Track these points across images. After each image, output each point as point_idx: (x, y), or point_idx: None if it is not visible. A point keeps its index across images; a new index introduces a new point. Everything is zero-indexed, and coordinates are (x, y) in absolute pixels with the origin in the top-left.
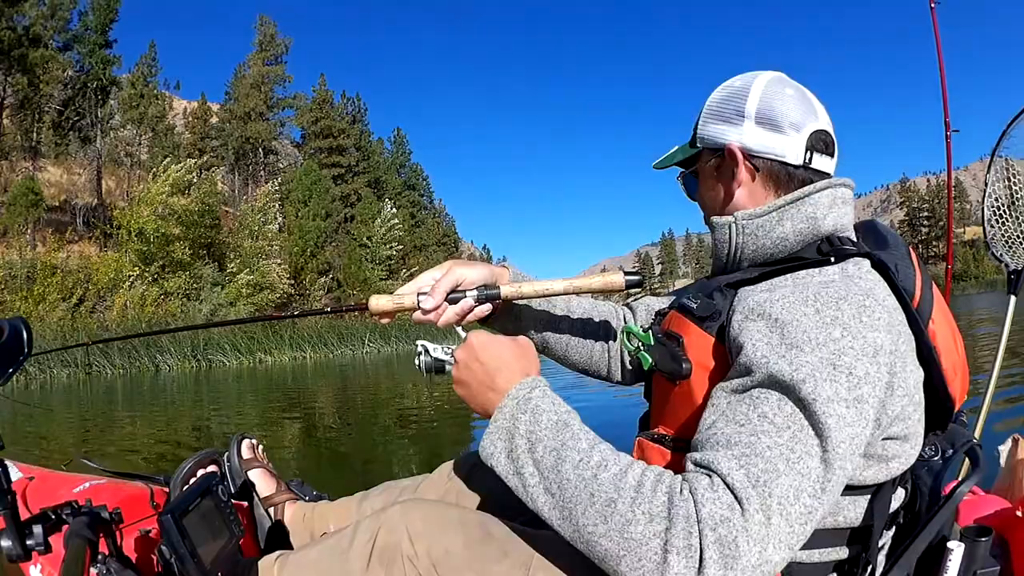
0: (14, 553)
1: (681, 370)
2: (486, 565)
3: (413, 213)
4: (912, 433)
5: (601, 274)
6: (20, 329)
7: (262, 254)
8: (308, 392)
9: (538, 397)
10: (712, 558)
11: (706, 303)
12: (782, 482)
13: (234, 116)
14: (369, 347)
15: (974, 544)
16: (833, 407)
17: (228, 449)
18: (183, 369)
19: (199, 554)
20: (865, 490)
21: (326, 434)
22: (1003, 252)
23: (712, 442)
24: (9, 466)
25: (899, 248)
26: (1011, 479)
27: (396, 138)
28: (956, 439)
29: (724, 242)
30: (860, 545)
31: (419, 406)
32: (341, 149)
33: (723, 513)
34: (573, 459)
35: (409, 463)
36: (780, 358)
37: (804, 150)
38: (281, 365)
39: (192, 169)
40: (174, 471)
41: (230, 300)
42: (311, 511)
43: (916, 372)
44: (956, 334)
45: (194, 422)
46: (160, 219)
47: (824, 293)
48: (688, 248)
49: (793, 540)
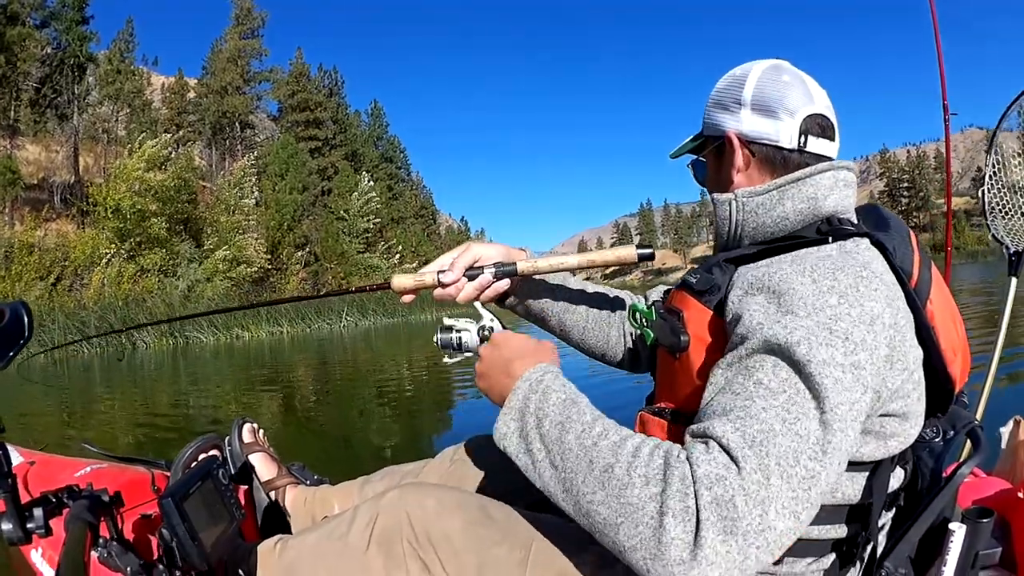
0: (15, 536)
1: (679, 343)
2: (486, 547)
3: (390, 186)
4: (911, 412)
5: (613, 248)
6: (21, 313)
7: (239, 229)
8: (288, 368)
9: (549, 379)
10: (709, 520)
11: (705, 278)
12: (780, 442)
13: (211, 91)
14: (347, 320)
15: (976, 525)
16: (829, 370)
17: (229, 434)
18: (160, 346)
19: (200, 537)
20: (863, 467)
21: (309, 413)
22: (1004, 234)
23: (709, 413)
24: (10, 450)
25: (900, 230)
26: (1012, 460)
27: (373, 111)
28: (957, 420)
29: (725, 219)
30: (860, 523)
31: (400, 381)
32: (318, 122)
33: (719, 472)
34: (576, 430)
35: (406, 445)
36: (775, 323)
37: (798, 134)
38: (258, 340)
39: (167, 144)
40: (175, 456)
41: (207, 276)
42: (312, 495)
43: (915, 350)
44: (956, 316)
45: (176, 402)
46: (136, 195)
47: (821, 265)
48: (666, 219)
49: (798, 507)
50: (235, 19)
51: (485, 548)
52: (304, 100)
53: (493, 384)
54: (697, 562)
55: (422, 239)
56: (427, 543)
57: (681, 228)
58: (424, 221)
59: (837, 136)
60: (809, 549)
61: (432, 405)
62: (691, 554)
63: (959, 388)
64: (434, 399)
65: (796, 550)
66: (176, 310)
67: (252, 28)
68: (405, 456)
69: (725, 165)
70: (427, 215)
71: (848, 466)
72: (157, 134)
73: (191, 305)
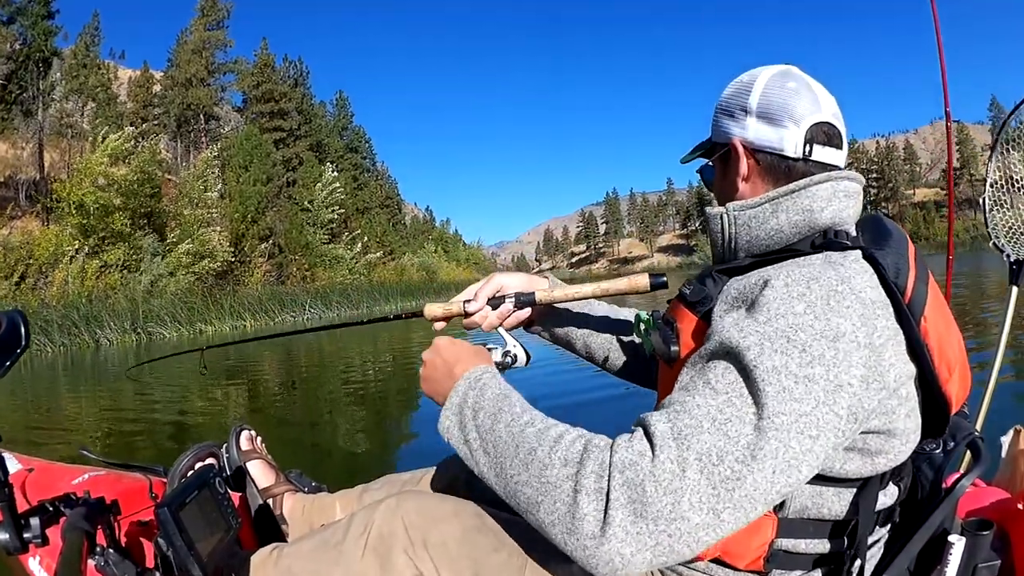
0: (11, 545)
1: (670, 352)
2: (483, 555)
3: (355, 176)
4: (898, 429)
5: (627, 277)
6: (18, 322)
7: (202, 222)
8: (254, 363)
9: (487, 378)
10: (619, 500)
11: (698, 288)
12: (704, 439)
13: (176, 83)
14: (311, 313)
15: (975, 537)
16: (777, 378)
17: (227, 441)
18: (123, 343)
19: (196, 547)
20: (850, 483)
21: (308, 419)
22: (1004, 242)
23: (659, 406)
24: (7, 458)
25: (899, 243)
26: (1012, 471)
27: (338, 101)
28: (957, 431)
29: (718, 232)
30: (847, 540)
31: (365, 377)
32: (283, 113)
33: (632, 458)
34: (506, 420)
35: (406, 453)
36: (732, 326)
37: (803, 142)
38: (222, 334)
39: (130, 137)
40: (172, 462)
41: (170, 270)
42: (310, 503)
43: (901, 367)
44: (953, 332)
45: (142, 402)
46: (99, 190)
47: (798, 272)
48: (632, 207)
49: (718, 504)
50: (200, 10)
51: (482, 555)
52: (269, 91)
53: (437, 387)
54: (607, 538)
55: (387, 229)
56: (423, 551)
57: (647, 217)
58: (389, 211)
59: (845, 144)
60: (796, 562)
61: (433, 414)
62: (601, 530)
63: (956, 407)
64: (435, 408)
65: (783, 562)
66: (139, 306)
67: (217, 19)
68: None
69: (730, 173)
70: (392, 205)
71: (834, 482)
72: (122, 128)
73: (155, 300)
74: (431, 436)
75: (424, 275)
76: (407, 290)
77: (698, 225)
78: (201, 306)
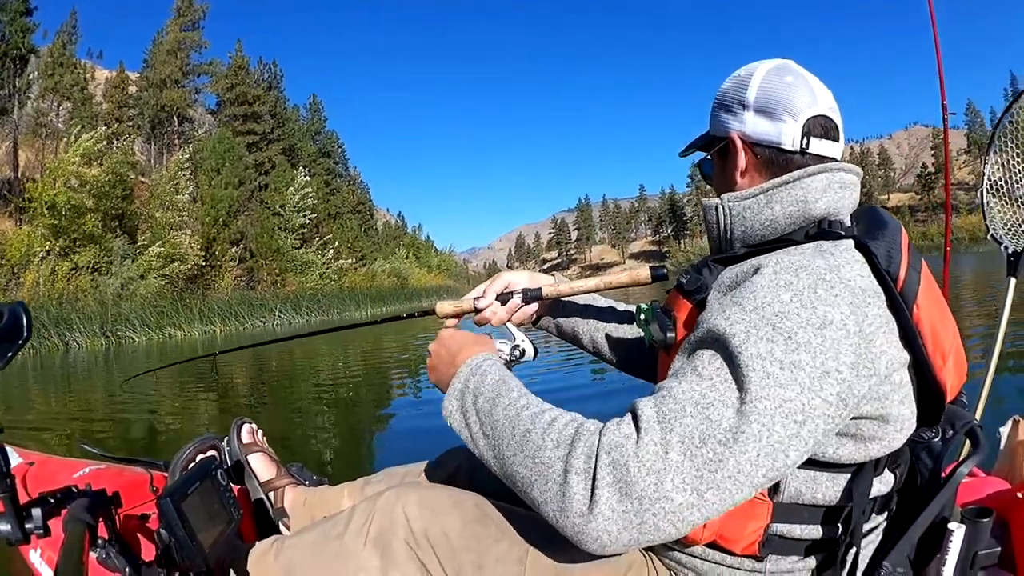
0: (13, 536)
1: (666, 339)
2: (484, 546)
3: (328, 181)
4: (893, 415)
5: (629, 270)
6: (20, 313)
7: (173, 225)
8: (252, 363)
9: (487, 365)
10: (604, 479)
11: (694, 278)
12: (687, 422)
13: (150, 84)
14: (280, 318)
15: (975, 525)
16: (761, 364)
17: (228, 434)
18: (93, 347)
19: (198, 538)
20: (843, 469)
21: (308, 413)
22: (1002, 235)
23: (651, 391)
24: (9, 451)
25: (893, 233)
26: (1011, 460)
27: (312, 105)
28: (956, 420)
29: (714, 223)
30: (842, 526)
31: (402, 383)
32: (256, 116)
33: (618, 440)
34: (504, 404)
35: (407, 445)
36: (719, 314)
37: (800, 135)
38: (191, 339)
39: (102, 138)
40: (173, 456)
41: (140, 273)
42: (311, 496)
43: (893, 353)
44: (947, 319)
45: (140, 402)
46: (72, 191)
47: (787, 261)
48: (605, 214)
49: (701, 485)
50: (176, 11)
51: (484, 546)
52: (243, 94)
53: (442, 375)
54: (594, 516)
55: (359, 234)
56: (425, 543)
57: (619, 223)
58: (361, 216)
59: (841, 137)
60: (792, 547)
61: (432, 407)
62: (589, 508)
63: (952, 395)
64: (437, 402)
65: (778, 547)
66: (108, 309)
67: (193, 20)
68: (406, 457)
69: (729, 166)
70: (364, 210)
71: (827, 467)
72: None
73: (125, 304)
74: (431, 429)
75: (395, 281)
76: (377, 296)
77: (670, 232)
78: (171, 310)
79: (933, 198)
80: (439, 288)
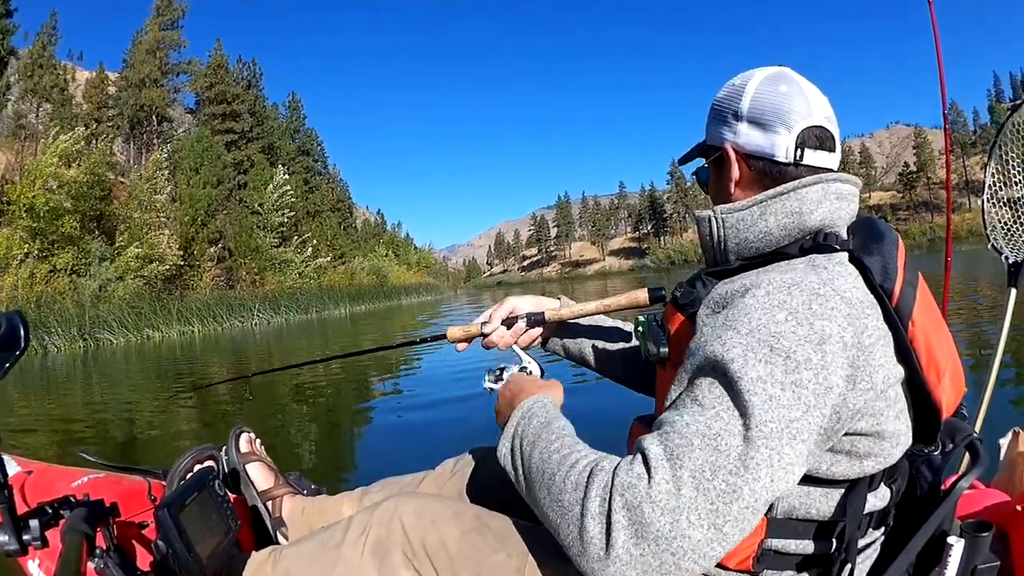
0: (11, 547)
1: (659, 353)
2: (482, 556)
3: (307, 179)
4: (888, 431)
5: (627, 293)
6: (17, 323)
7: (152, 225)
8: (208, 370)
9: (537, 408)
10: (620, 522)
11: (688, 291)
12: (695, 456)
13: (130, 84)
14: (259, 318)
15: (974, 539)
16: (762, 387)
17: (226, 444)
18: (71, 350)
19: (196, 549)
20: (838, 485)
21: (306, 423)
22: (1003, 244)
23: (653, 427)
24: (7, 460)
25: (889, 246)
26: (1011, 473)
27: (291, 103)
28: (956, 433)
29: (707, 235)
30: (836, 541)
31: (401, 389)
32: (235, 115)
33: (631, 481)
34: (541, 447)
35: (406, 455)
36: (715, 339)
37: (795, 146)
38: (169, 340)
39: (80, 138)
40: (171, 465)
41: (118, 275)
42: (310, 505)
43: (889, 368)
44: (944, 336)
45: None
46: (50, 192)
47: (779, 279)
48: (584, 211)
49: (718, 519)
50: (156, 10)
51: (482, 557)
52: (222, 92)
53: (502, 419)
54: (611, 560)
55: (338, 232)
56: (422, 553)
57: (599, 220)
58: (340, 214)
59: (838, 147)
60: (786, 562)
61: (431, 416)
62: (606, 552)
63: (948, 413)
64: (435, 410)
65: (773, 562)
66: (86, 311)
67: (172, 19)
68: (404, 467)
69: (723, 177)
70: (344, 208)
71: (822, 483)
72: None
73: (103, 306)
74: (430, 438)
75: (374, 279)
76: (357, 294)
77: (650, 229)
78: (149, 311)
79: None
80: (418, 286)
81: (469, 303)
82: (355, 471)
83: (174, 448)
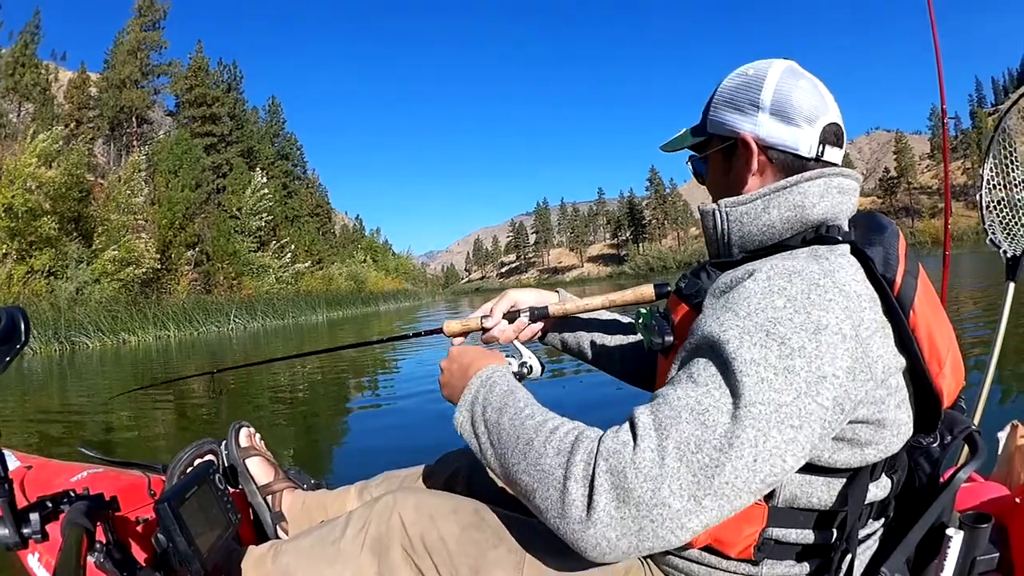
0: (11, 541)
1: (663, 342)
2: (481, 551)
3: (285, 184)
4: (889, 420)
5: (632, 288)
6: (17, 318)
7: (129, 228)
8: (184, 373)
9: (497, 375)
10: (602, 486)
11: (692, 282)
12: (683, 428)
13: (110, 84)
14: (235, 323)
15: (973, 531)
16: (755, 369)
17: (226, 438)
18: (47, 353)
19: (196, 542)
20: (839, 473)
21: (304, 417)
22: (1001, 238)
23: (649, 399)
24: (7, 455)
25: (890, 238)
26: (1009, 465)
27: (271, 107)
28: (955, 425)
29: (711, 228)
30: (836, 531)
31: (400, 387)
32: (215, 118)
33: (616, 447)
34: (510, 413)
35: (405, 449)
36: (714, 320)
37: (817, 143)
38: (146, 345)
39: (58, 138)
40: (171, 460)
41: (95, 277)
42: (310, 500)
43: (889, 358)
44: (944, 326)
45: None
46: (28, 192)
47: (780, 266)
48: (563, 217)
49: (699, 491)
50: (138, 10)
51: (481, 552)
52: (202, 95)
53: (454, 389)
54: (592, 522)
55: (316, 238)
56: (422, 548)
57: (578, 227)
58: (319, 219)
59: (844, 141)
60: (787, 551)
61: (431, 410)
62: (587, 515)
63: (949, 402)
64: (434, 404)
65: (773, 551)
66: (63, 314)
67: (154, 20)
68: (404, 460)
69: (737, 167)
70: (322, 213)
71: (823, 471)
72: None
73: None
74: (430, 432)
75: (352, 284)
76: (333, 300)
77: (629, 235)
78: (125, 315)
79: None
80: (396, 292)
81: (447, 309)
82: (355, 465)
83: (158, 445)
